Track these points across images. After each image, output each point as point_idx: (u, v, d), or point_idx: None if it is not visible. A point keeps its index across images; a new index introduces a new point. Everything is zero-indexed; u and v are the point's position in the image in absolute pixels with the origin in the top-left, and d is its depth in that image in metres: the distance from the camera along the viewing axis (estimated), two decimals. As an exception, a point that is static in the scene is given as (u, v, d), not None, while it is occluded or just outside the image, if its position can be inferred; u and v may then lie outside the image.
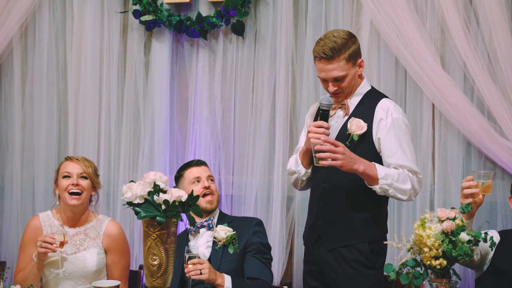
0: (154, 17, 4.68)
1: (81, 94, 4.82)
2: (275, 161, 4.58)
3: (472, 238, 2.67)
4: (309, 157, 3.59)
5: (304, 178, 3.69)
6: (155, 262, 2.82)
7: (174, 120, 4.86)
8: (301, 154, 3.63)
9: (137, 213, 2.74)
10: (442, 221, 2.70)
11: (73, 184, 3.80)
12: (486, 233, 2.81)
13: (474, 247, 2.69)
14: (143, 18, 4.69)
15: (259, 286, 3.71)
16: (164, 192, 2.79)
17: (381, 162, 3.46)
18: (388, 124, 3.46)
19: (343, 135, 3.49)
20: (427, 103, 4.37)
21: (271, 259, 3.90)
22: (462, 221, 2.72)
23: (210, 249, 3.82)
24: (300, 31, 4.64)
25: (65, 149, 4.85)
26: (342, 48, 3.43)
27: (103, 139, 4.83)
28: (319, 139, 3.26)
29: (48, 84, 4.87)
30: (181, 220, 2.83)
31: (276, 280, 4.50)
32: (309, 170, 3.65)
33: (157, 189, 2.77)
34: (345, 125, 3.52)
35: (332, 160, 3.23)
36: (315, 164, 3.34)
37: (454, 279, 2.74)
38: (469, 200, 3.17)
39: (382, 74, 4.45)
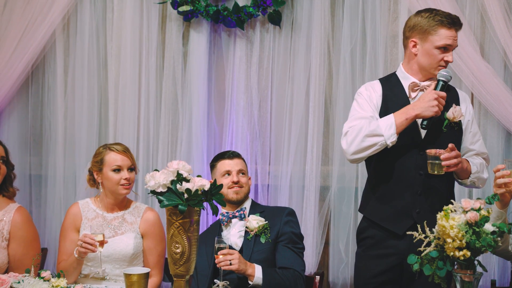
0: (192, 8, 4.71)
1: (121, 84, 4.88)
2: (308, 151, 4.58)
3: (496, 229, 2.62)
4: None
5: (381, 147, 3.46)
6: (178, 250, 2.84)
7: (211, 109, 4.89)
8: (402, 119, 3.42)
9: (160, 201, 2.78)
10: (466, 212, 2.65)
11: (125, 179, 3.90)
12: (510, 224, 2.75)
13: (498, 238, 2.63)
14: (181, 8, 4.72)
15: (291, 275, 3.70)
16: (187, 181, 2.81)
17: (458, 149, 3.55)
18: (472, 111, 3.64)
19: (435, 119, 3.49)
20: (466, 92, 4.29)
21: (303, 248, 3.89)
22: (488, 211, 2.67)
23: (242, 239, 3.83)
24: (337, 20, 4.62)
25: (105, 138, 4.93)
26: None
27: (142, 128, 4.88)
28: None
29: (89, 74, 4.95)
30: (203, 209, 2.85)
31: (312, 269, 4.51)
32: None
33: (180, 178, 2.80)
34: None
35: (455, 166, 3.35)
36: (431, 172, 3.36)
37: (480, 271, 2.69)
38: (502, 190, 3.11)
39: (420, 63, 4.39)
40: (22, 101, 5.06)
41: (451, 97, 3.58)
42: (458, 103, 3.58)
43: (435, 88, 3.44)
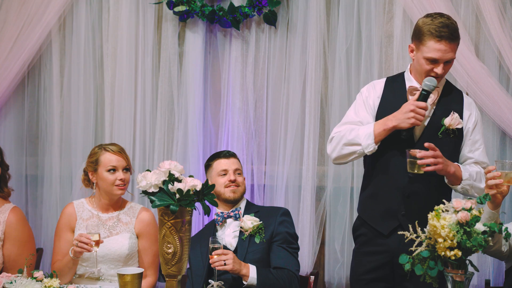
0: (188, 8, 4.71)
1: (117, 84, 4.88)
2: (305, 151, 4.58)
3: (487, 229, 2.62)
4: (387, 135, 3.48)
5: (359, 155, 3.54)
6: (170, 250, 2.85)
7: (207, 110, 4.89)
8: (380, 130, 3.45)
9: (152, 201, 2.78)
10: (458, 212, 2.65)
11: (120, 179, 3.90)
12: (501, 224, 2.75)
13: (489, 238, 2.63)
14: (177, 8, 4.73)
15: (285, 275, 3.71)
16: (179, 181, 2.82)
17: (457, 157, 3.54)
18: (477, 119, 3.56)
19: (434, 124, 3.49)
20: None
21: (297, 248, 3.89)
22: (479, 211, 2.67)
23: (237, 239, 3.83)
24: (332, 20, 4.62)
25: (101, 138, 4.92)
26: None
27: (138, 128, 4.88)
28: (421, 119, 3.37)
29: (85, 75, 4.95)
30: (195, 209, 2.85)
31: (307, 269, 4.51)
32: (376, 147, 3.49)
33: (171, 178, 2.80)
34: (435, 114, 3.50)
35: (433, 165, 3.29)
36: (410, 171, 3.32)
37: (471, 271, 2.69)
38: (494, 191, 3.12)
39: (415, 63, 4.40)
40: (18, 102, 5.06)
41: (454, 102, 3.54)
42: (461, 109, 3.52)
43: (418, 98, 3.40)
